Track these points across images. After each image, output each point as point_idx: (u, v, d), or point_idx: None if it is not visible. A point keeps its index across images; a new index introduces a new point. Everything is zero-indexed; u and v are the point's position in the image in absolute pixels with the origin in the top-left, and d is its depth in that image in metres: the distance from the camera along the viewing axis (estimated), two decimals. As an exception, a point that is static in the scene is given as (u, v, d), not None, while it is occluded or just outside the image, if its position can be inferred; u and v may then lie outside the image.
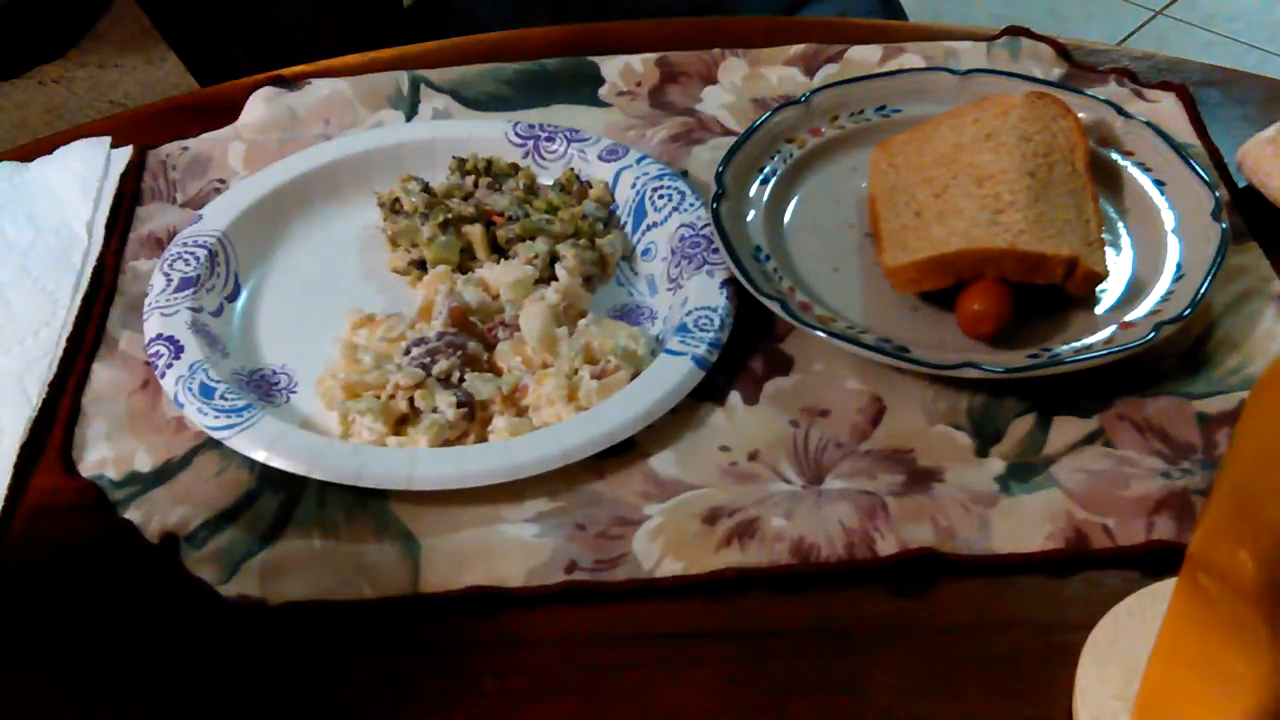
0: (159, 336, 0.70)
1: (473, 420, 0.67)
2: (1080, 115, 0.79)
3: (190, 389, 0.67)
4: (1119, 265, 0.74)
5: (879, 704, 0.56)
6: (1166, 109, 0.85)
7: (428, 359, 0.69)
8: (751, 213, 0.77)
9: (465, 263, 0.77)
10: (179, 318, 0.71)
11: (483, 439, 0.67)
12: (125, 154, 0.85)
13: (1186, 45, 2.33)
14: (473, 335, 0.71)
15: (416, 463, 0.63)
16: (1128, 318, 0.70)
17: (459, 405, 0.67)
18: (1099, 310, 0.71)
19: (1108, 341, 0.68)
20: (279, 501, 0.64)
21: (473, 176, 0.80)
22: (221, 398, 0.66)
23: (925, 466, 0.65)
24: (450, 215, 0.77)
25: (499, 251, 0.77)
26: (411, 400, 0.67)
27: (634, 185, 0.80)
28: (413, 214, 0.77)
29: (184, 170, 0.84)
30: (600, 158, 0.82)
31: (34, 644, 0.59)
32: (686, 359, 0.68)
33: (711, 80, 0.91)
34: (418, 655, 0.58)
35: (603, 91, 0.90)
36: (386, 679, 0.57)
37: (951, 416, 0.67)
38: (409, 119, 0.88)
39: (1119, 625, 0.56)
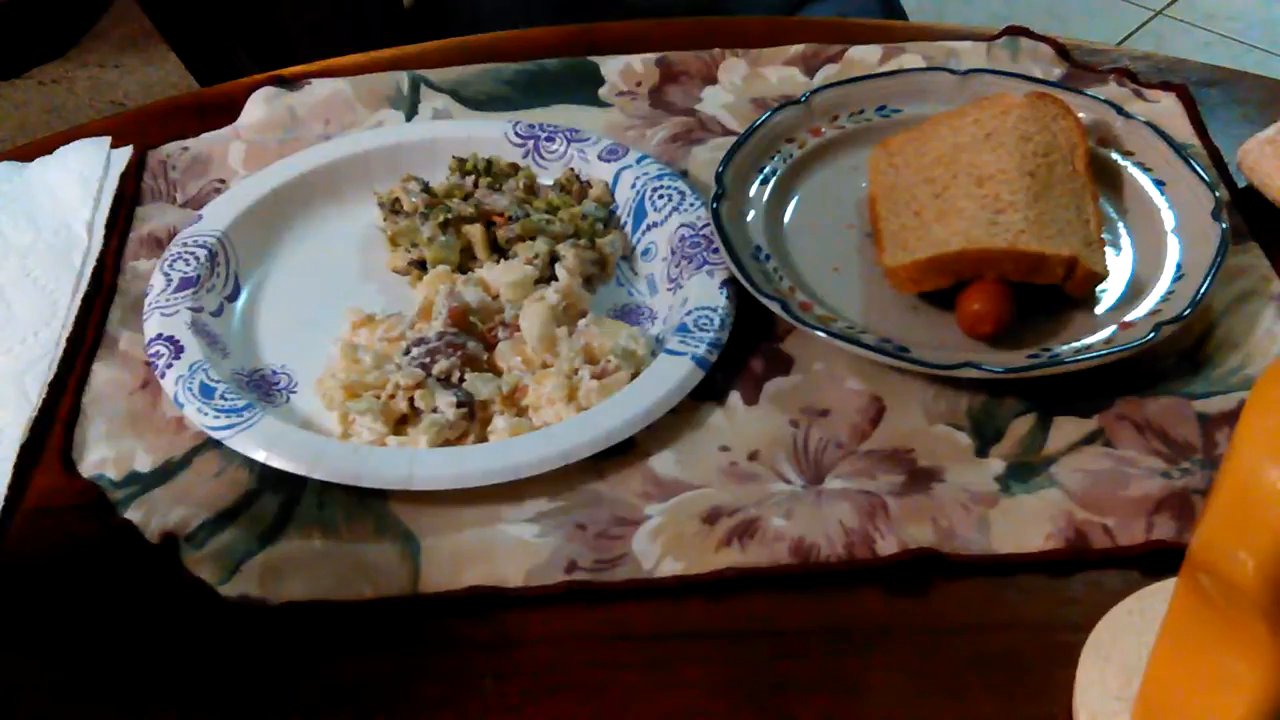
0: (159, 336, 0.70)
1: (473, 420, 0.67)
2: (1080, 115, 0.79)
3: (190, 389, 0.67)
4: (1119, 265, 0.74)
5: (879, 704, 0.56)
6: (1166, 109, 0.85)
7: (428, 359, 0.69)
8: (751, 213, 0.77)
9: (465, 263, 0.77)
10: (179, 318, 0.71)
11: (483, 439, 0.67)
12: (125, 154, 0.85)
13: (1186, 45, 2.33)
14: (473, 335, 0.71)
15: (416, 463, 0.63)
16: (1128, 318, 0.70)
17: (459, 405, 0.67)
18: (1099, 310, 0.71)
19: (1108, 341, 0.68)
20: (279, 501, 0.64)
21: (473, 176, 0.80)
22: (221, 398, 0.67)
23: (925, 466, 0.65)
24: (450, 215, 0.77)
25: (499, 251, 0.77)
26: (411, 400, 0.67)
27: (634, 185, 0.80)
28: (413, 214, 0.77)
29: (184, 170, 0.84)
30: (600, 158, 0.82)
31: (34, 644, 0.59)
32: (686, 359, 0.68)
33: (711, 80, 0.91)
34: (418, 655, 0.58)
35: (603, 91, 0.90)
36: (386, 679, 0.57)
37: (951, 416, 0.67)
38: (409, 119, 0.88)
39: (1119, 625, 0.56)
